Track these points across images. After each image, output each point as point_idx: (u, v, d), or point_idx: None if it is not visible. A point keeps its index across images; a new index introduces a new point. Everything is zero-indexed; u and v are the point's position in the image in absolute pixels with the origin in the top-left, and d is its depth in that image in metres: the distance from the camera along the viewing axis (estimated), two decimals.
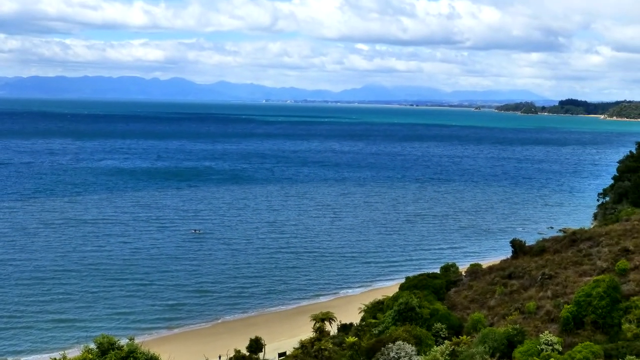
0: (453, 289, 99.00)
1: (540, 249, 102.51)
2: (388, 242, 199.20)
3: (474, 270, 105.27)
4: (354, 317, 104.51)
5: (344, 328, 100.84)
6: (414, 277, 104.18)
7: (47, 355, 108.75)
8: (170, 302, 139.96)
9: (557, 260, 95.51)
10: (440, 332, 78.57)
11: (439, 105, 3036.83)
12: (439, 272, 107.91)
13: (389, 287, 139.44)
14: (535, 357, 64.36)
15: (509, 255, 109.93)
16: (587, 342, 66.79)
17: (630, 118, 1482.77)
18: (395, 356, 66.85)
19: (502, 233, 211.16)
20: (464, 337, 75.28)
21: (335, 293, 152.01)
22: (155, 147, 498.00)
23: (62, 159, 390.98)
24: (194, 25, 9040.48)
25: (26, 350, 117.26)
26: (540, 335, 69.30)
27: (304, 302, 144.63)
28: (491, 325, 79.38)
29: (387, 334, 75.99)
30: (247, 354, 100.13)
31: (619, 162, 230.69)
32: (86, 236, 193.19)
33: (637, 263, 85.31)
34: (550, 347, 65.76)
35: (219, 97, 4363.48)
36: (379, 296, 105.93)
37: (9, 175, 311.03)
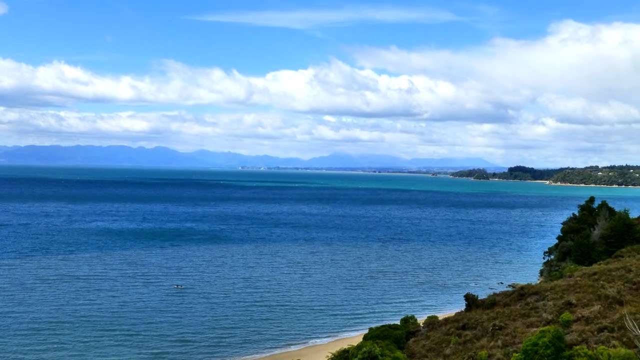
0: (412, 339, 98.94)
1: (491, 303, 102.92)
2: (353, 296, 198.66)
3: (431, 321, 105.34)
4: None
5: None
6: (377, 328, 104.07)
7: None
8: (154, 351, 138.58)
9: (506, 312, 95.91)
10: None
11: (400, 172, 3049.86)
12: (399, 323, 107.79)
13: (353, 337, 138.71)
14: None
15: (463, 308, 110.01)
16: None
17: (573, 183, 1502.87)
18: None
19: (456, 288, 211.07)
20: None
21: (304, 342, 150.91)
22: (141, 210, 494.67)
23: (56, 221, 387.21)
24: (176, 99, 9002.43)
25: None
26: None
27: (277, 351, 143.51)
28: None
29: None
30: None
31: (563, 223, 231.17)
32: (78, 291, 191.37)
33: (579, 315, 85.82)
34: None
35: (199, 164, 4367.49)
36: (344, 345, 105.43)
37: (7, 236, 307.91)
